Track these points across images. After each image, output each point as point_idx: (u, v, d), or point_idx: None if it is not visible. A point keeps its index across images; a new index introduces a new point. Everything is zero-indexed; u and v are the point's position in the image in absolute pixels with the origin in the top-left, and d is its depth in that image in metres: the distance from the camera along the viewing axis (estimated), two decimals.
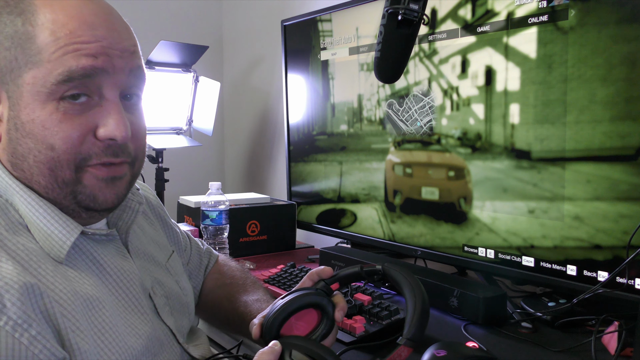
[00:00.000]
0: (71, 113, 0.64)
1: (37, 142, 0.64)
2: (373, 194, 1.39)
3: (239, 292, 0.97)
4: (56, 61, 0.63)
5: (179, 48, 1.84)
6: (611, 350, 0.87)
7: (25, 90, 0.63)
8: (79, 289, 0.64)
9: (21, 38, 0.63)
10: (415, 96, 1.26)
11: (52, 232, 0.65)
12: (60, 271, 0.64)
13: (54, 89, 0.63)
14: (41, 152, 0.64)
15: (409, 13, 0.79)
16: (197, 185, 2.25)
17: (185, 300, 0.86)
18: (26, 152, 0.64)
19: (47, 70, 0.63)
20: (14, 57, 0.63)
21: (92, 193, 0.67)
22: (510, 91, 1.06)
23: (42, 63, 0.63)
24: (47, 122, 0.63)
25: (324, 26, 1.50)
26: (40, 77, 0.63)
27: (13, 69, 0.64)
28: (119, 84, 0.67)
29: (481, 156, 1.12)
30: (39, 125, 0.63)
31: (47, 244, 0.65)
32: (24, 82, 0.63)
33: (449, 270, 1.31)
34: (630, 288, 0.90)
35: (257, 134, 2.30)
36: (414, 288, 0.71)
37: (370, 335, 0.93)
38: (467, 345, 0.85)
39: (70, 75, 0.63)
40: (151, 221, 0.90)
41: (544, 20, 1.00)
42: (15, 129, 0.64)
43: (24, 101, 0.63)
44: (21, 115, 0.64)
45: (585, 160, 0.96)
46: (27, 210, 0.65)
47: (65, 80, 0.63)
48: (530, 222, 1.05)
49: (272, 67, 2.16)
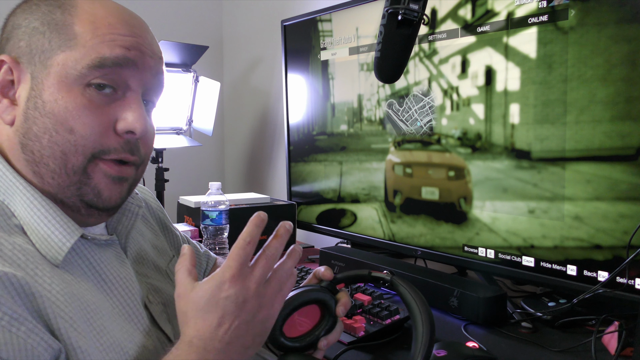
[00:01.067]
0: (96, 101, 0.65)
1: (56, 123, 0.63)
2: (373, 194, 1.39)
3: None
4: (91, 47, 0.64)
5: (179, 48, 1.84)
6: (611, 350, 0.87)
7: (53, 70, 0.64)
8: (76, 292, 0.63)
9: (58, 24, 0.64)
10: (415, 96, 1.26)
11: (52, 233, 0.64)
12: (57, 273, 0.63)
13: (84, 73, 0.63)
14: (59, 132, 0.63)
15: (409, 13, 0.79)
16: (197, 185, 2.25)
17: None
18: (41, 132, 0.64)
19: (80, 54, 0.63)
20: (48, 40, 0.64)
21: (98, 188, 0.66)
22: (510, 91, 1.06)
23: (76, 47, 0.64)
24: (71, 104, 0.63)
25: (324, 26, 1.50)
26: (72, 59, 0.63)
27: (45, 51, 0.64)
28: (144, 82, 0.69)
29: (481, 156, 1.12)
30: (62, 106, 0.63)
31: (44, 246, 0.63)
32: (53, 62, 0.64)
33: (449, 270, 1.31)
34: (630, 288, 0.90)
35: (257, 134, 2.30)
36: (422, 308, 0.71)
37: (370, 335, 0.93)
38: (467, 345, 0.85)
39: (103, 62, 0.64)
40: (151, 225, 0.90)
41: (544, 20, 1.00)
42: (35, 107, 0.64)
43: (50, 81, 0.64)
44: (44, 95, 0.63)
45: (585, 160, 0.96)
46: (25, 209, 0.64)
47: (96, 66, 0.64)
48: (530, 222, 1.05)
49: (272, 67, 2.16)
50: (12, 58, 0.65)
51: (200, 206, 1.44)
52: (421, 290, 1.13)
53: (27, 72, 0.65)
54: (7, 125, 0.66)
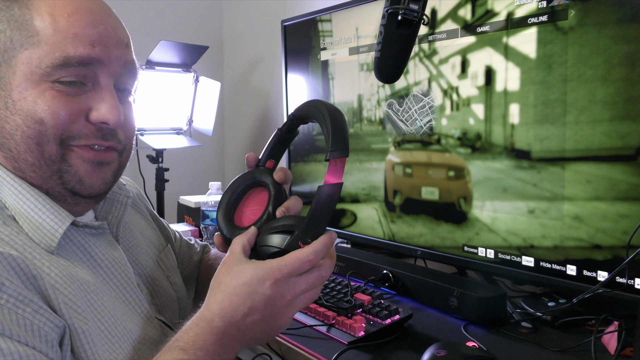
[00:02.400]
0: (65, 93, 0.65)
1: (26, 118, 0.64)
2: (373, 194, 1.39)
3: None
4: (54, 45, 0.63)
5: (179, 48, 1.84)
6: (611, 350, 0.87)
7: (19, 70, 0.63)
8: (75, 274, 0.64)
9: (17, 21, 0.64)
10: (415, 96, 1.26)
11: (43, 221, 0.65)
12: (54, 259, 0.64)
13: (49, 72, 0.63)
14: (30, 127, 0.64)
15: (409, 13, 0.79)
16: (197, 185, 2.25)
17: (176, 295, 0.85)
18: (14, 129, 0.64)
19: (43, 51, 0.63)
20: (9, 38, 0.64)
21: (79, 175, 0.67)
22: (510, 91, 1.06)
23: (39, 44, 0.63)
24: (39, 98, 0.64)
25: (324, 26, 1.50)
26: (35, 57, 0.63)
27: (7, 50, 0.64)
28: (113, 73, 0.68)
29: (481, 156, 1.12)
30: (31, 101, 0.63)
31: (37, 234, 0.64)
32: (18, 62, 0.63)
33: (449, 270, 1.31)
34: (630, 288, 0.90)
35: (257, 134, 2.30)
36: (321, 110, 0.66)
37: (370, 335, 0.93)
38: (467, 345, 0.85)
39: (67, 62, 0.64)
40: (144, 214, 0.90)
41: (543, 20, 1.00)
42: (6, 107, 0.64)
43: (17, 80, 0.64)
44: (12, 94, 0.64)
45: (585, 160, 0.96)
46: (15, 200, 0.65)
47: (61, 65, 0.63)
48: (530, 222, 1.05)
49: (272, 67, 2.16)
50: None
51: (200, 206, 1.44)
52: (421, 290, 1.13)
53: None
54: None
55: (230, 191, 0.72)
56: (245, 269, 0.61)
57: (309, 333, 0.97)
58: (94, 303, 0.64)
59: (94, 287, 0.66)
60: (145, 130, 1.88)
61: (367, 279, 1.20)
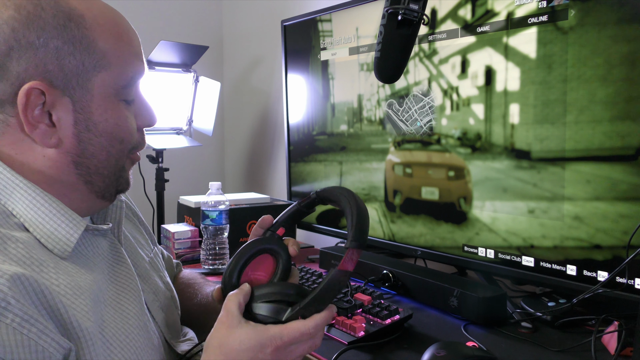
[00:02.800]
0: (128, 108, 0.72)
1: (111, 139, 0.70)
2: (373, 194, 1.39)
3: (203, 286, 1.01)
4: (122, 66, 0.69)
5: (179, 48, 1.84)
6: (611, 350, 0.87)
7: (96, 92, 0.68)
8: (82, 283, 0.64)
9: (82, 43, 0.66)
10: (415, 96, 1.26)
11: (59, 226, 0.66)
12: (61, 267, 0.64)
13: (120, 92, 0.70)
14: (114, 146, 0.70)
15: (409, 13, 0.80)
16: (197, 185, 2.25)
17: (170, 294, 0.87)
18: (98, 150, 0.69)
19: (115, 73, 0.68)
20: (81, 62, 0.66)
21: (127, 177, 0.75)
22: (510, 91, 1.06)
23: (109, 67, 0.68)
24: (119, 120, 0.70)
25: (324, 26, 1.50)
26: (109, 80, 0.68)
27: (80, 73, 0.66)
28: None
29: (481, 156, 1.12)
30: (113, 123, 0.69)
31: (51, 241, 0.65)
32: (94, 85, 0.67)
33: (449, 270, 1.31)
34: (630, 288, 0.90)
35: (257, 134, 2.30)
36: (348, 198, 0.71)
37: (370, 335, 0.93)
38: (467, 345, 0.85)
39: (134, 79, 0.71)
40: (131, 219, 0.91)
41: (543, 20, 1.00)
42: (88, 130, 0.68)
43: (96, 103, 0.68)
44: (93, 117, 0.68)
45: (585, 160, 0.96)
46: (27, 206, 0.65)
47: (129, 84, 0.70)
48: (530, 222, 1.05)
49: (272, 67, 2.16)
50: (46, 84, 0.64)
51: (200, 206, 1.44)
52: (421, 290, 1.13)
53: (64, 95, 0.66)
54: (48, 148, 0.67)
55: (242, 252, 0.74)
56: (249, 333, 0.65)
57: None
58: (98, 312, 0.65)
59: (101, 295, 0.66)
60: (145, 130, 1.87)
61: (367, 279, 1.20)
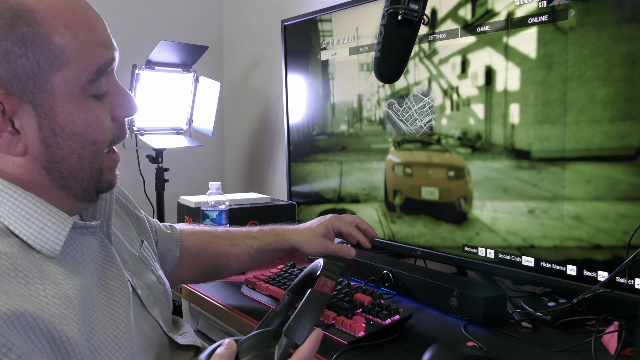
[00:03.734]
0: (99, 103, 0.67)
1: (81, 141, 0.65)
2: (373, 194, 1.39)
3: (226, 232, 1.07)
4: (84, 60, 0.63)
5: (179, 48, 1.84)
6: (611, 350, 0.87)
7: (58, 93, 0.63)
8: (70, 291, 0.62)
9: (35, 41, 0.61)
10: (415, 96, 1.26)
11: (45, 225, 0.64)
12: (48, 276, 0.62)
13: (86, 87, 0.64)
14: (86, 148, 0.66)
15: (409, 13, 0.80)
16: (197, 185, 2.25)
17: (163, 288, 0.85)
18: (68, 154, 0.65)
19: (77, 69, 0.63)
20: (35, 63, 0.61)
21: (107, 179, 0.70)
22: (510, 91, 1.06)
23: (69, 63, 0.62)
24: (88, 119, 0.65)
25: (324, 26, 1.50)
26: (71, 77, 0.63)
27: (36, 75, 0.61)
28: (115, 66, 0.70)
29: (481, 156, 1.12)
30: (81, 125, 0.65)
31: (39, 241, 0.63)
32: (53, 86, 0.62)
33: (449, 270, 1.31)
34: (630, 288, 0.90)
35: (257, 134, 2.30)
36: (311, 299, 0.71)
37: (370, 335, 0.93)
38: (467, 345, 0.85)
39: (100, 71, 0.65)
40: (118, 213, 0.88)
41: (543, 20, 1.00)
42: (54, 134, 0.64)
43: (59, 105, 0.63)
44: (59, 120, 0.63)
45: (585, 160, 0.96)
46: (10, 208, 0.63)
47: (96, 78, 0.64)
48: (530, 222, 1.05)
49: (272, 67, 2.16)
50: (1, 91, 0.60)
51: (200, 206, 1.44)
52: (421, 290, 1.13)
53: (22, 101, 0.62)
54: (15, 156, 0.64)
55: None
56: None
57: None
58: (86, 319, 0.63)
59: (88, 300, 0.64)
60: (145, 130, 1.88)
61: (367, 279, 1.20)
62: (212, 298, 1.18)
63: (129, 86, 1.77)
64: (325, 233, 1.09)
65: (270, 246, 1.10)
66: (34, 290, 0.59)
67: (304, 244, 1.09)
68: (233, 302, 1.15)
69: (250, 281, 1.20)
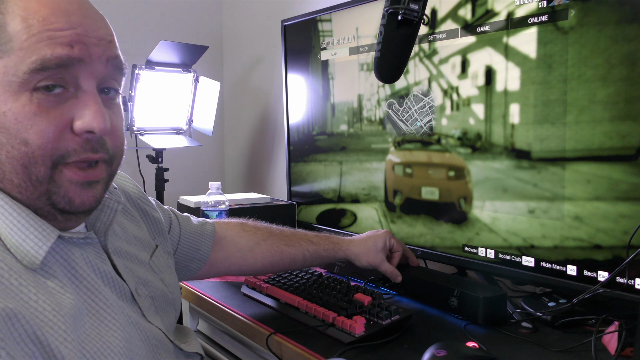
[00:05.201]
0: (46, 105, 0.60)
1: (9, 137, 0.60)
2: (373, 194, 1.39)
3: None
4: (28, 49, 0.59)
5: (179, 48, 1.83)
6: (611, 350, 0.87)
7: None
8: (61, 301, 0.61)
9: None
10: (415, 96, 1.26)
11: (27, 237, 0.61)
12: (41, 284, 0.60)
13: (27, 79, 0.59)
14: (14, 147, 0.60)
15: (409, 13, 0.80)
16: (197, 185, 2.25)
17: (171, 297, 0.84)
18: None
19: (18, 58, 0.59)
20: None
21: (68, 196, 0.63)
22: (510, 91, 1.06)
23: (13, 51, 0.59)
24: (20, 114, 0.59)
25: (324, 26, 1.50)
26: (11, 65, 0.59)
27: None
28: (96, 74, 0.64)
29: (481, 156, 1.12)
30: (12, 118, 0.59)
31: (19, 252, 0.61)
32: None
33: (449, 270, 1.31)
34: (630, 288, 0.90)
35: (257, 134, 2.30)
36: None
37: (370, 336, 0.93)
38: (467, 345, 0.85)
39: (45, 64, 0.59)
40: (133, 217, 0.86)
41: (543, 20, 1.00)
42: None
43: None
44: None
45: (585, 160, 0.96)
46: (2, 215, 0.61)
47: (38, 69, 0.59)
48: (530, 222, 1.05)
49: (272, 67, 2.16)
50: None
51: (200, 206, 1.44)
52: (421, 290, 1.13)
53: None
54: None
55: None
56: None
57: (308, 333, 0.97)
58: (76, 331, 0.61)
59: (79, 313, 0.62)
60: (145, 130, 1.88)
61: (367, 279, 1.20)
62: (212, 298, 1.18)
63: (129, 86, 1.77)
64: (384, 248, 1.13)
65: (325, 252, 1.12)
66: (25, 294, 0.58)
67: (361, 256, 1.12)
68: (233, 302, 1.15)
69: (250, 281, 1.20)
